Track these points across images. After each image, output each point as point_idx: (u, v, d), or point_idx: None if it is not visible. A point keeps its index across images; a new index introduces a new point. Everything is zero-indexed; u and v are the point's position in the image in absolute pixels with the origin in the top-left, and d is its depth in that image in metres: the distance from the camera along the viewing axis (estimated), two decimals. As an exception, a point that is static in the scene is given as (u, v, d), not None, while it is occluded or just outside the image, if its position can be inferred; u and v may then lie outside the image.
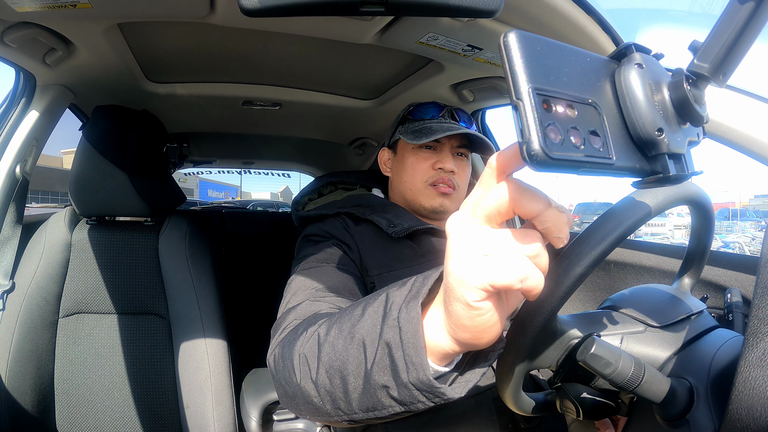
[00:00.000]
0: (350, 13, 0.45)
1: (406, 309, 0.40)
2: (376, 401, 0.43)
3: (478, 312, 0.33)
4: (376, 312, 0.44)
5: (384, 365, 0.41)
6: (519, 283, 0.31)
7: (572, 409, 0.54)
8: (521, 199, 0.31)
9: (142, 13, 0.88)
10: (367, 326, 0.44)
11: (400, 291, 0.43)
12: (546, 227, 0.32)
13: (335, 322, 0.49)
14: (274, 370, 0.57)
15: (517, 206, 0.31)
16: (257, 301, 2.17)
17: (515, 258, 0.31)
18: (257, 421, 1.19)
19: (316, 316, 0.61)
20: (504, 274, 0.31)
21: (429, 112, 0.96)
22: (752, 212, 25.94)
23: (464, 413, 0.86)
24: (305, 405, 0.51)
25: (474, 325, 0.34)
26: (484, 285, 0.32)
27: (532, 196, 0.31)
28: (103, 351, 1.22)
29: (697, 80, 0.33)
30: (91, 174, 1.18)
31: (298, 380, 0.50)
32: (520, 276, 0.31)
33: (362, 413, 0.45)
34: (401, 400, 0.41)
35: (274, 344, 0.61)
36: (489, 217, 0.32)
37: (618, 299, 0.59)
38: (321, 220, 0.94)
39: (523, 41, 0.28)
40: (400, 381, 0.40)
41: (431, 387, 0.38)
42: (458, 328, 0.35)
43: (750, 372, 0.37)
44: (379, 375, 0.42)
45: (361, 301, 0.49)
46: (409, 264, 0.88)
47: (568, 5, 0.76)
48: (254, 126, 1.85)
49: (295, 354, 0.52)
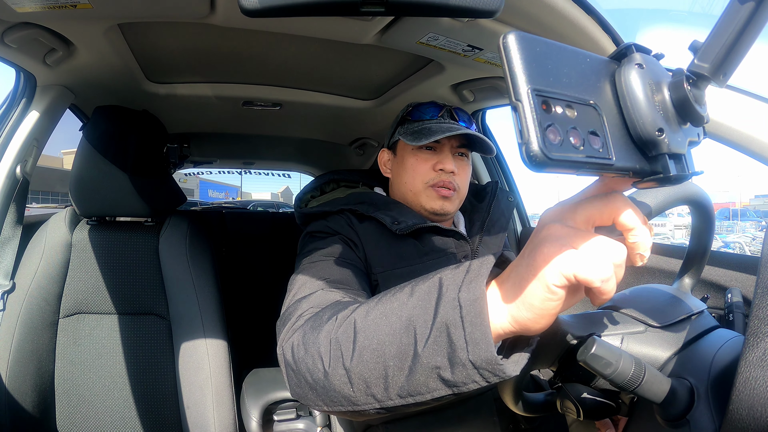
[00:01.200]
0: (350, 14, 0.45)
1: (467, 288, 0.40)
2: (421, 384, 0.43)
3: (551, 296, 0.35)
4: (428, 293, 0.44)
5: (439, 346, 0.41)
6: (599, 283, 0.34)
7: (573, 410, 0.54)
8: (625, 212, 0.35)
9: (143, 14, 0.88)
10: (418, 307, 0.44)
11: (454, 273, 0.43)
12: (635, 242, 0.36)
13: (375, 306, 0.49)
14: (293, 359, 0.55)
15: (620, 216, 0.36)
16: (258, 301, 2.17)
17: (604, 260, 0.34)
18: (258, 421, 1.19)
19: (341, 303, 0.60)
20: (591, 270, 0.33)
21: (428, 112, 0.96)
22: (752, 212, 25.94)
23: (465, 414, 0.86)
24: (329, 394, 0.50)
25: (542, 307, 0.36)
26: (569, 274, 0.34)
27: (634, 211, 0.36)
28: (104, 351, 1.22)
29: (697, 80, 0.33)
30: (91, 174, 1.18)
31: (325, 367, 0.49)
32: (603, 277, 0.33)
33: (398, 399, 0.45)
34: (453, 382, 0.41)
35: (288, 332, 0.59)
36: (588, 219, 0.37)
37: (618, 299, 0.59)
38: (325, 217, 0.93)
39: (523, 42, 0.28)
40: (457, 360, 0.40)
41: (494, 363, 0.39)
42: (525, 308, 0.37)
43: (750, 372, 0.37)
44: (432, 356, 0.41)
45: (404, 285, 0.49)
46: (413, 262, 0.88)
47: (568, 5, 0.76)
48: (254, 126, 1.86)
49: (323, 340, 0.51)
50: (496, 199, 1.03)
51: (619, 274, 0.35)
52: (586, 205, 0.37)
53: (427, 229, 0.90)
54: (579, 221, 0.37)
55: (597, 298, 0.35)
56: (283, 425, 1.25)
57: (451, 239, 0.92)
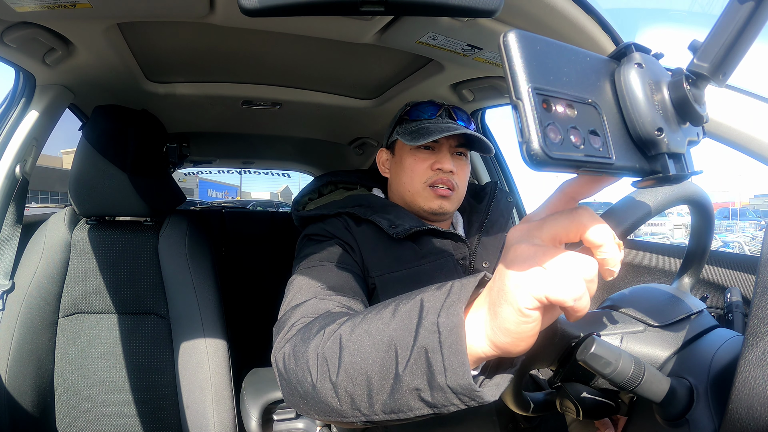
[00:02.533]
0: (350, 13, 0.45)
1: (446, 314, 0.40)
2: (403, 404, 0.43)
3: (525, 319, 0.34)
4: (410, 315, 0.44)
5: (418, 368, 0.41)
6: (572, 301, 0.33)
7: (572, 409, 0.54)
8: (592, 228, 0.34)
9: (142, 13, 0.88)
10: (399, 329, 0.44)
11: (436, 295, 0.43)
12: (604, 258, 0.35)
13: (360, 323, 0.49)
14: (284, 369, 0.56)
15: (586, 233, 0.34)
16: (257, 300, 2.17)
17: (574, 278, 0.33)
18: (257, 420, 1.19)
19: (330, 315, 0.60)
20: (562, 290, 0.33)
21: (426, 111, 0.95)
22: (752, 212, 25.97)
23: (465, 413, 0.85)
24: (318, 405, 0.50)
25: (518, 331, 0.35)
26: (540, 296, 0.33)
27: (602, 228, 0.34)
28: (103, 351, 1.22)
29: (696, 80, 0.32)
30: (90, 174, 1.18)
31: (313, 380, 0.50)
32: (575, 295, 0.33)
33: (383, 415, 0.45)
34: (433, 403, 0.41)
35: (281, 342, 0.60)
36: (555, 237, 0.35)
37: (618, 299, 0.59)
38: (322, 219, 0.93)
39: (523, 41, 0.28)
40: (435, 384, 0.40)
41: (470, 390, 0.39)
42: (501, 333, 0.36)
43: (750, 371, 0.37)
44: (412, 378, 0.42)
45: (389, 302, 0.49)
46: (410, 265, 0.87)
47: (567, 5, 0.76)
48: (254, 126, 1.86)
49: (311, 353, 0.51)
50: (495, 200, 1.03)
51: (591, 289, 0.34)
52: (552, 222, 0.35)
53: (425, 231, 0.90)
54: (545, 238, 0.35)
55: (571, 315, 0.35)
56: (283, 425, 1.25)
57: (449, 241, 0.92)
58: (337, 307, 0.66)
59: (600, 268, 0.35)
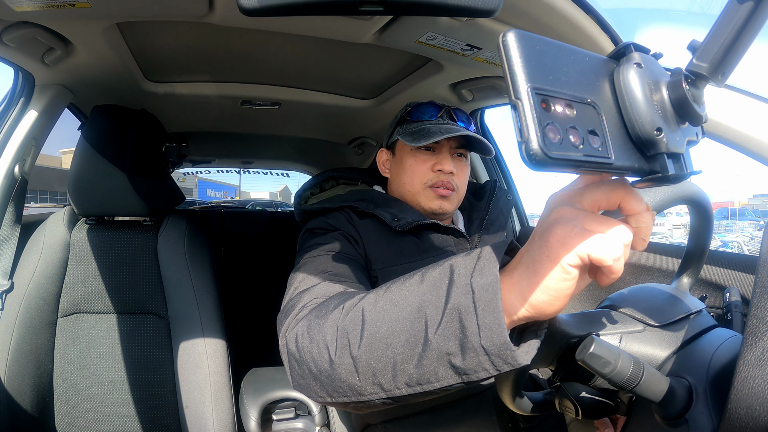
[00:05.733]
0: (349, 13, 0.45)
1: (480, 274, 0.41)
2: (430, 372, 0.43)
3: (566, 276, 0.36)
4: (440, 279, 0.44)
5: (451, 331, 0.41)
6: (611, 261, 0.34)
7: (571, 409, 0.54)
8: (630, 197, 0.36)
9: (141, 13, 0.88)
10: (429, 293, 0.44)
11: (466, 259, 0.43)
12: (639, 227, 0.37)
13: (384, 294, 0.49)
14: (296, 350, 0.55)
15: (625, 201, 0.37)
16: (256, 300, 2.17)
17: (615, 240, 0.35)
18: (256, 420, 1.19)
19: (347, 293, 0.59)
20: (603, 250, 0.34)
21: (427, 112, 0.96)
22: (751, 212, 26.00)
23: (464, 413, 0.86)
24: (333, 384, 0.50)
25: (557, 288, 0.37)
26: (582, 253, 0.35)
27: (638, 197, 0.37)
28: (102, 351, 1.22)
29: (695, 80, 0.33)
30: (89, 174, 1.18)
31: (331, 355, 0.49)
32: (614, 255, 0.34)
33: (406, 388, 0.45)
34: (463, 369, 0.41)
35: (292, 323, 0.59)
36: (595, 203, 0.37)
37: (617, 298, 0.59)
38: (324, 213, 0.93)
39: (522, 41, 0.28)
40: (469, 346, 0.40)
41: (505, 349, 0.39)
42: (539, 290, 0.37)
43: (749, 371, 0.37)
44: (443, 342, 0.41)
45: (413, 273, 0.49)
46: (412, 259, 0.88)
47: (567, 5, 0.76)
48: (253, 125, 1.85)
49: (329, 328, 0.51)
50: (494, 198, 1.03)
51: (626, 254, 0.36)
52: (594, 189, 0.37)
53: (427, 226, 0.90)
54: (586, 204, 0.37)
55: (606, 277, 0.36)
56: (282, 424, 1.25)
57: (450, 237, 0.92)
58: (350, 288, 0.65)
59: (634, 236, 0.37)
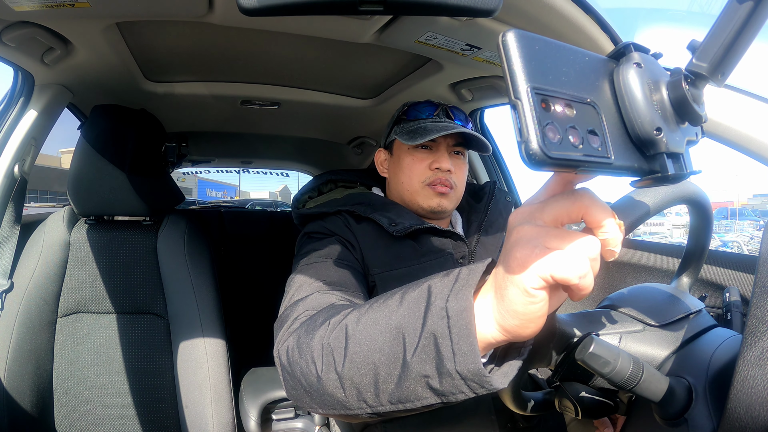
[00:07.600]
0: (349, 13, 0.45)
1: (455, 298, 0.40)
2: (410, 392, 0.43)
3: (532, 300, 0.35)
4: (417, 302, 0.44)
5: (427, 355, 0.41)
6: (577, 279, 0.33)
7: (571, 408, 0.54)
8: (593, 208, 0.35)
9: (141, 13, 0.88)
10: (407, 316, 0.44)
11: (443, 281, 0.43)
12: (605, 238, 0.35)
13: (366, 312, 0.49)
14: (288, 363, 0.55)
15: (588, 213, 0.35)
16: (256, 300, 2.17)
17: (578, 256, 0.33)
18: (256, 420, 1.19)
19: (334, 307, 0.60)
20: (566, 268, 0.33)
21: (424, 111, 0.96)
22: (751, 211, 26.00)
23: (463, 412, 0.86)
24: (323, 398, 0.50)
25: (525, 312, 0.35)
26: (545, 275, 0.33)
27: (602, 207, 0.35)
28: (102, 350, 1.22)
29: (695, 80, 0.33)
30: (89, 173, 1.18)
31: (318, 371, 0.49)
32: (579, 273, 0.33)
33: (390, 405, 0.45)
34: (441, 391, 0.41)
35: (284, 336, 0.59)
36: (557, 218, 0.36)
37: (616, 298, 0.59)
38: (322, 217, 0.93)
39: (522, 40, 0.28)
40: (444, 370, 0.40)
41: (479, 376, 0.38)
42: (509, 315, 0.36)
43: (748, 371, 0.37)
44: (420, 365, 0.41)
45: (395, 291, 0.49)
46: (410, 263, 0.88)
47: (566, 4, 0.76)
48: (253, 125, 1.85)
49: (316, 344, 0.51)
50: (494, 200, 1.03)
51: (595, 268, 0.35)
52: (554, 203, 0.36)
53: (425, 230, 0.90)
54: (547, 220, 0.36)
55: (576, 294, 0.35)
56: (282, 424, 1.25)
57: (448, 240, 0.92)
58: (341, 300, 0.66)
59: (602, 248, 0.35)
